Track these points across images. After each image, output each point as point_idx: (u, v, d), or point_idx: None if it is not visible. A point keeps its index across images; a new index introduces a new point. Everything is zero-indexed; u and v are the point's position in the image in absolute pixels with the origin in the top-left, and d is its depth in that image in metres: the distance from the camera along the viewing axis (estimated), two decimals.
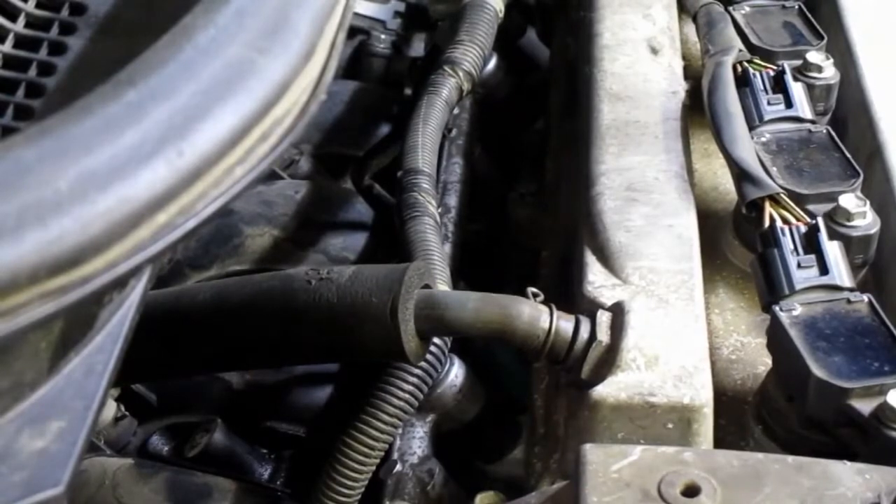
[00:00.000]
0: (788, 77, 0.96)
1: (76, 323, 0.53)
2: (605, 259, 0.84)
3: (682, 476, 0.65)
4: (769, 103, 0.95)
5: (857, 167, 0.89)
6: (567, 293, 0.88)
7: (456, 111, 1.14)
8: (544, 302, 0.80)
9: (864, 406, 0.71)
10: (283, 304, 0.82)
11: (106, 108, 0.46)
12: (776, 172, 0.89)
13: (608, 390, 0.76)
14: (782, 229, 0.82)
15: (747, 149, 0.89)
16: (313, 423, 0.94)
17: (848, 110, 1.00)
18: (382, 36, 1.39)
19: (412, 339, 0.78)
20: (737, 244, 0.92)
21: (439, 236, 0.94)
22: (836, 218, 0.85)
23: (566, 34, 1.21)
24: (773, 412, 0.77)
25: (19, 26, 0.64)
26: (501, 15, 1.21)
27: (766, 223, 0.83)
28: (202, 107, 0.48)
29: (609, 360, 0.77)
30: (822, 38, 1.03)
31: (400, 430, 0.84)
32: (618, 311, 0.80)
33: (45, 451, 0.49)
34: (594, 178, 0.91)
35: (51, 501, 0.48)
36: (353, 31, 1.38)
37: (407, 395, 0.82)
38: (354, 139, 1.21)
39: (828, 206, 0.86)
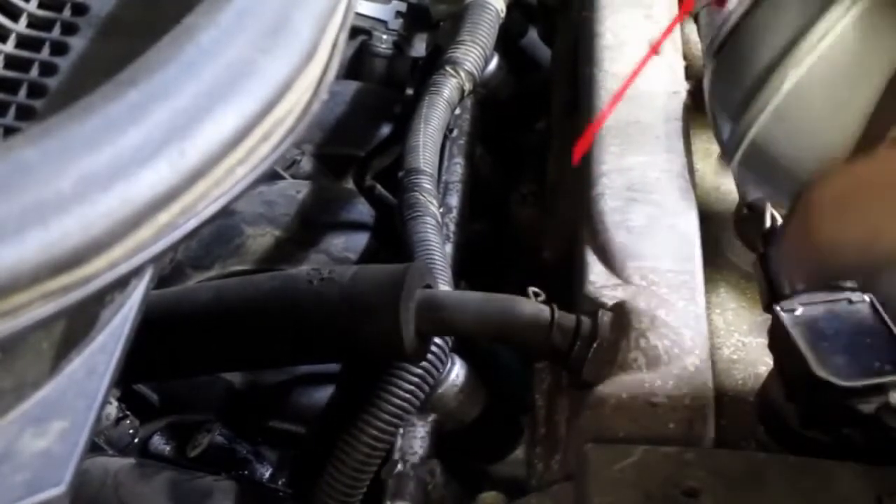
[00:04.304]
0: None
1: (78, 323, 0.53)
2: (607, 259, 0.85)
3: (683, 476, 0.65)
4: None
5: None
6: (568, 293, 0.88)
7: (457, 111, 1.14)
8: (546, 302, 0.81)
9: (866, 406, 0.71)
10: (285, 304, 0.82)
11: (108, 108, 0.46)
12: None
13: (610, 390, 0.76)
14: None
15: None
16: (315, 422, 0.94)
17: None
18: (384, 36, 1.39)
19: (413, 339, 0.79)
20: (738, 244, 0.92)
21: (441, 236, 0.94)
22: None
23: (568, 34, 1.21)
24: (774, 412, 0.77)
25: (21, 26, 0.64)
26: (503, 15, 1.21)
27: (768, 223, 0.83)
28: (204, 107, 0.48)
29: (610, 360, 0.77)
30: None
31: (401, 430, 0.84)
32: (619, 310, 0.80)
33: (47, 451, 0.49)
34: (595, 179, 0.91)
35: (53, 501, 0.48)
36: (354, 32, 1.38)
37: (408, 395, 0.82)
38: (356, 139, 1.21)
39: None
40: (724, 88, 0.63)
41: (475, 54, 1.14)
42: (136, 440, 0.94)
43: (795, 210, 0.58)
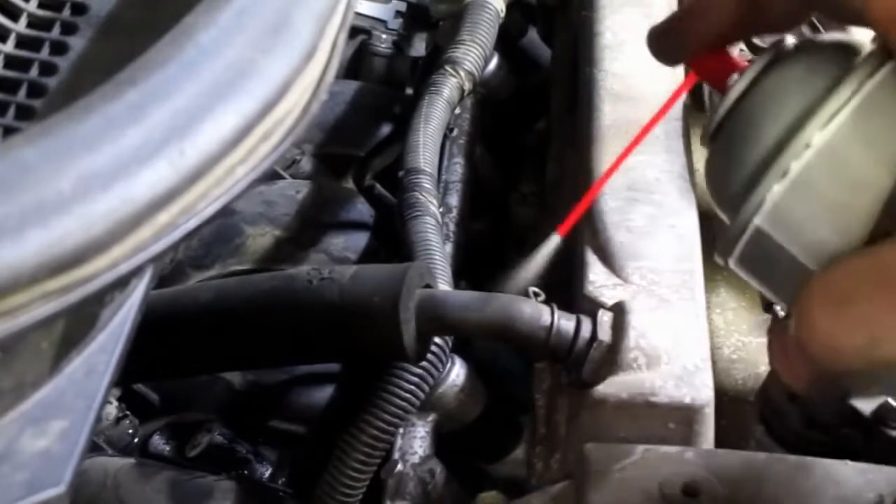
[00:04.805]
0: None
1: (78, 323, 0.53)
2: (606, 259, 0.84)
3: (683, 476, 0.65)
4: None
5: None
6: (568, 293, 0.88)
7: (457, 111, 1.14)
8: (545, 302, 0.80)
9: (866, 406, 0.71)
10: (285, 304, 0.82)
11: (107, 108, 0.46)
12: None
13: (609, 390, 0.76)
14: None
15: None
16: (315, 422, 0.94)
17: None
18: (384, 36, 1.39)
19: (413, 339, 0.78)
20: None
21: (441, 236, 0.94)
22: None
23: (568, 34, 1.21)
24: (774, 412, 0.77)
25: (21, 26, 0.64)
26: (503, 15, 1.21)
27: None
28: (204, 106, 0.48)
29: (610, 360, 0.77)
30: None
31: (401, 430, 0.84)
32: (619, 310, 0.80)
33: (46, 450, 0.49)
34: (595, 178, 0.91)
35: (52, 501, 0.48)
36: (354, 31, 1.38)
37: (408, 395, 0.82)
38: (356, 139, 1.21)
39: None
40: (720, 179, 0.58)
41: (475, 54, 1.14)
42: (135, 440, 0.94)
43: (794, 305, 0.52)
